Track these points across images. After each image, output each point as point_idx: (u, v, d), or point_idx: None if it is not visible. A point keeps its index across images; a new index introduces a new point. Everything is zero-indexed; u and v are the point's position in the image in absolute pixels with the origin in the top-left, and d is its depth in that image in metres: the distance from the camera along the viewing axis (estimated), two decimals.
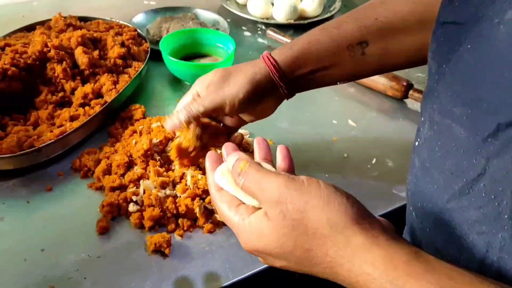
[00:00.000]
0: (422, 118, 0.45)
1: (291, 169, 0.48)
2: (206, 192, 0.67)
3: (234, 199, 0.44)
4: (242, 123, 0.68)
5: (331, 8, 1.27)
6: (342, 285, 0.39)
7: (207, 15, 1.15)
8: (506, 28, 0.34)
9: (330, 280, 0.40)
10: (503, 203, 0.35)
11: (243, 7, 1.25)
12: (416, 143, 0.47)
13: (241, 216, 0.42)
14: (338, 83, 0.66)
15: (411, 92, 0.92)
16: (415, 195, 0.47)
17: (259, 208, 0.42)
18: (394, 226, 0.58)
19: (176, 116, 0.63)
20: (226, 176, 0.46)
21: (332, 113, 0.91)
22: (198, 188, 0.67)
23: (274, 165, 0.47)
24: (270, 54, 0.62)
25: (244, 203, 0.44)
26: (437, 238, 0.44)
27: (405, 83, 0.92)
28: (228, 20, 1.16)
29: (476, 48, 0.37)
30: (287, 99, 0.66)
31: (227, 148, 0.49)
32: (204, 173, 0.70)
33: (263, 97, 0.63)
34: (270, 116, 0.67)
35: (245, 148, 0.74)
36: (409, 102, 0.94)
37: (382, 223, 0.39)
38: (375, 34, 0.61)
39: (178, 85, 0.96)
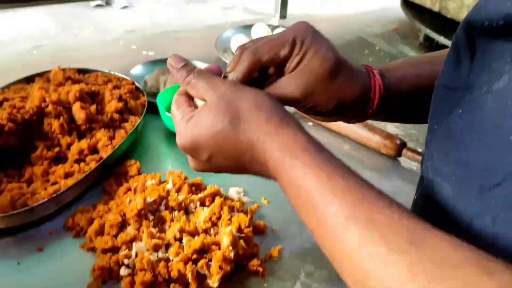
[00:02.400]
0: (420, 174, 0.47)
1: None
2: (199, 254, 0.67)
3: (187, 104, 0.49)
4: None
5: None
6: (257, 170, 0.46)
7: (204, 67, 1.17)
8: (493, 98, 0.35)
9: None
10: None
11: None
12: (414, 197, 0.49)
13: (184, 113, 0.48)
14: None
15: (404, 151, 0.92)
16: None
17: None
18: None
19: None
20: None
21: None
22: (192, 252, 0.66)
23: None
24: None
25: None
26: None
27: (398, 142, 0.93)
28: None
29: (467, 113, 0.38)
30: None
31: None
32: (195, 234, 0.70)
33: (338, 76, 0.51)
34: (263, 178, 0.58)
35: (239, 210, 0.74)
36: (403, 160, 0.95)
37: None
38: None
39: (174, 139, 0.95)
